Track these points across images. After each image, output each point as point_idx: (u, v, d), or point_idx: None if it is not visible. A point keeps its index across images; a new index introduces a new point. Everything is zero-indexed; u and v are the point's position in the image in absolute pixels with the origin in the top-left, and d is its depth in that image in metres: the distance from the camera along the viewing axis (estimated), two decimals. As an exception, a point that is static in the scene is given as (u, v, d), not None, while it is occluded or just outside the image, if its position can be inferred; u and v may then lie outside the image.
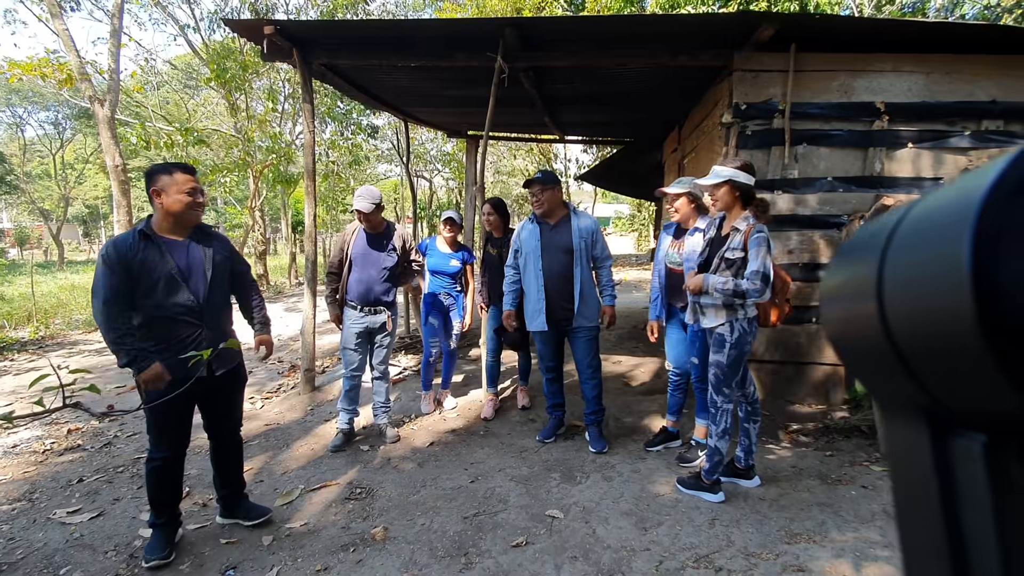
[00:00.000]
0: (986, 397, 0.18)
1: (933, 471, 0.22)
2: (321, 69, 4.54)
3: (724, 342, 2.58)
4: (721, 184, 2.53)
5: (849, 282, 0.25)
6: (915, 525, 0.24)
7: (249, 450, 3.54)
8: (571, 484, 2.98)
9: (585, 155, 17.64)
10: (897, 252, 0.21)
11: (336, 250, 3.52)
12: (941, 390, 0.21)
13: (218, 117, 13.97)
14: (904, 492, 0.24)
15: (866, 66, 3.55)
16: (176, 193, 2.21)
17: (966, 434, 0.21)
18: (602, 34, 3.75)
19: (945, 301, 0.18)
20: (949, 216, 0.19)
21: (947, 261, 0.18)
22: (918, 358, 0.21)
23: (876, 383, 0.25)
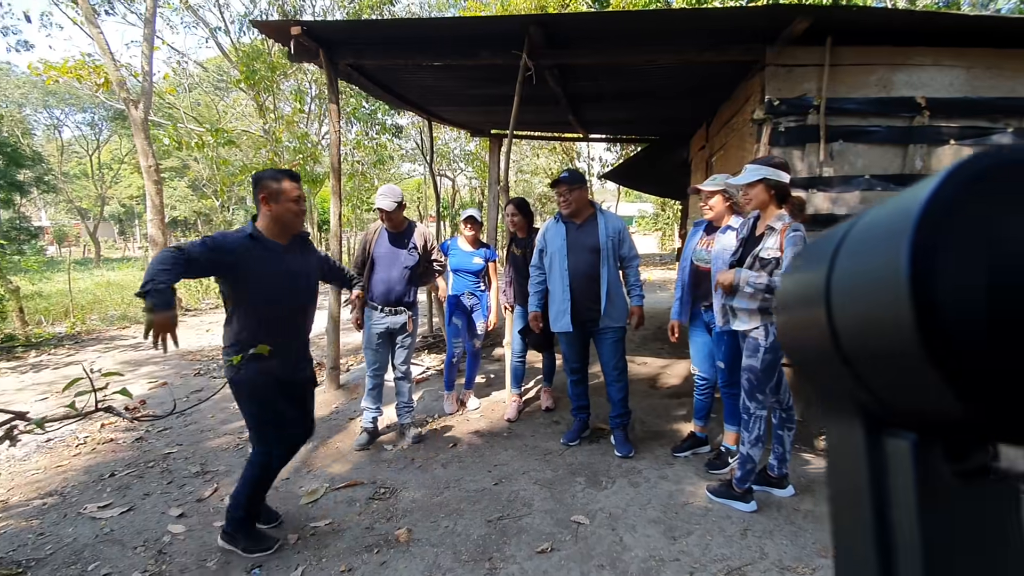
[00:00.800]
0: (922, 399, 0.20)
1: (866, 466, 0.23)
2: (347, 69, 4.56)
3: (758, 346, 2.50)
4: (755, 183, 2.45)
5: (801, 287, 0.26)
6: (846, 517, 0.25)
7: (275, 448, 3.58)
8: (597, 489, 2.93)
9: (609, 153, 17.48)
10: (844, 261, 0.22)
11: (360, 249, 3.53)
12: (882, 391, 0.22)
13: (248, 118, 14.25)
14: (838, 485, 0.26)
15: (905, 60, 3.40)
16: (285, 201, 2.23)
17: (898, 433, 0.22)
18: (629, 30, 3.67)
19: (887, 308, 0.19)
20: (890, 228, 0.20)
21: (888, 271, 0.19)
22: (862, 361, 0.22)
23: (821, 383, 0.26)
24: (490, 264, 4.11)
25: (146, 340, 1.86)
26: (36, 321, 8.15)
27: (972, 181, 0.19)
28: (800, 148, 3.55)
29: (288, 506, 2.85)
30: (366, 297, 3.42)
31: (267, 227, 2.27)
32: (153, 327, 1.86)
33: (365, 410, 3.57)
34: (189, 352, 6.31)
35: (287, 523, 2.67)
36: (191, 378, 5.31)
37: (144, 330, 1.87)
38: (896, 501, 0.22)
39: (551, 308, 3.38)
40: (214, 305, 9.88)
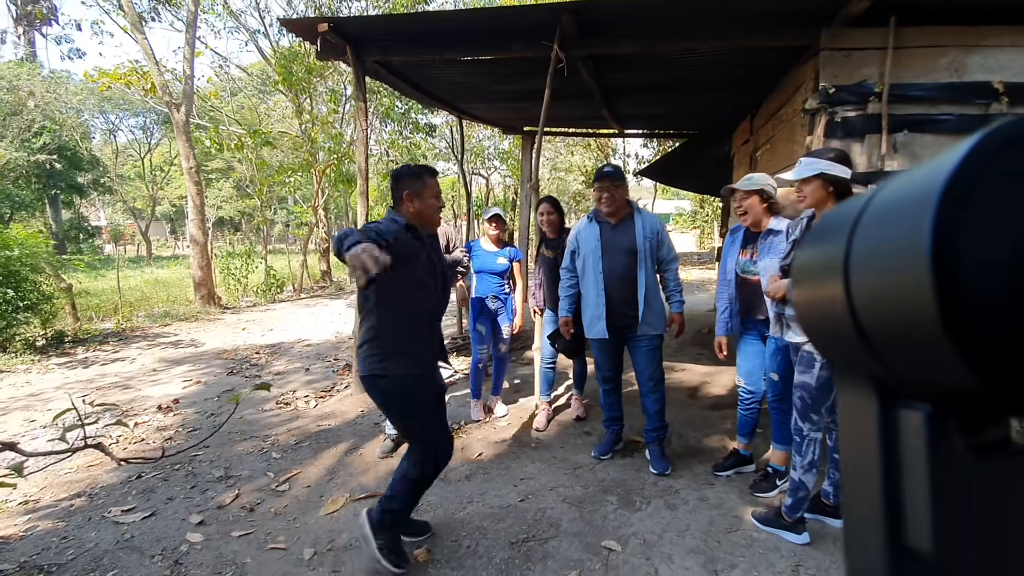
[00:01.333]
0: (939, 373, 0.20)
1: (878, 435, 0.23)
2: (375, 67, 4.48)
3: (813, 361, 2.25)
4: (810, 178, 2.19)
5: (818, 261, 0.26)
6: (857, 489, 0.25)
7: (299, 452, 3.53)
8: (630, 510, 2.73)
9: (645, 150, 17.02)
10: (864, 233, 0.22)
11: None
12: (899, 365, 0.22)
13: (288, 120, 14.53)
14: (850, 456, 0.26)
15: (980, 40, 3.03)
16: (429, 197, 2.19)
17: (912, 404, 0.22)
18: (667, 16, 3.43)
19: (907, 283, 0.19)
20: (913, 200, 0.19)
21: (909, 245, 0.19)
22: (880, 335, 0.22)
23: (837, 355, 0.26)
24: (515, 264, 3.94)
25: (360, 282, 1.66)
26: (87, 318, 8.48)
27: (998, 152, 0.18)
28: (859, 140, 3.23)
29: (308, 518, 2.77)
30: None
31: None
32: (358, 260, 1.65)
33: (385, 420, 3.47)
34: (224, 351, 6.40)
35: (304, 538, 2.58)
36: (225, 377, 5.36)
37: (354, 275, 1.68)
38: (907, 471, 0.22)
39: (584, 314, 3.19)
40: (251, 304, 10.09)
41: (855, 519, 0.25)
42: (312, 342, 6.77)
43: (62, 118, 21.64)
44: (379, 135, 13.07)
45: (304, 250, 11.68)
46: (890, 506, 0.23)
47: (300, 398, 4.56)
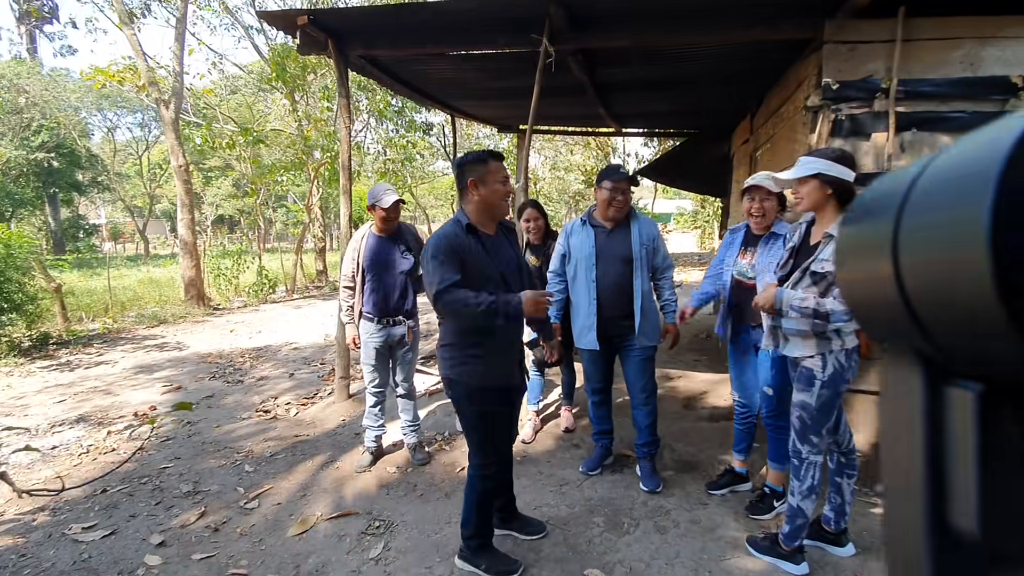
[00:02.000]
0: (997, 357, 0.19)
1: (922, 412, 0.23)
2: (359, 61, 4.31)
3: (813, 378, 2.06)
4: (807, 178, 2.01)
5: (865, 237, 0.25)
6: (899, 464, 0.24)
7: (273, 465, 3.37)
8: (617, 534, 2.55)
9: (646, 149, 16.82)
10: (915, 208, 0.21)
11: (348, 260, 3.22)
12: (952, 346, 0.21)
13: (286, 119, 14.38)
14: (893, 434, 0.25)
15: (997, 31, 2.84)
16: (493, 183, 2.06)
17: (962, 383, 0.22)
18: (660, 8, 3.25)
19: (962, 263, 0.18)
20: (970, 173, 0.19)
21: (965, 220, 0.18)
22: (930, 316, 0.21)
23: (882, 332, 0.26)
24: None
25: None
26: (78, 318, 8.34)
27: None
28: (865, 139, 3.04)
29: (275, 539, 2.60)
30: (361, 309, 3.14)
31: (475, 214, 2.10)
32: (533, 307, 1.96)
33: (368, 429, 3.30)
34: (209, 355, 6.24)
35: (268, 562, 2.42)
36: (207, 382, 5.20)
37: (527, 311, 1.96)
38: (954, 450, 0.21)
39: (574, 322, 3.01)
40: (242, 304, 9.93)
41: (898, 501, 0.25)
42: (300, 345, 6.61)
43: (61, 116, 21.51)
44: (376, 133, 12.91)
45: (298, 249, 11.50)
46: (934, 484, 0.22)
47: (281, 405, 4.40)
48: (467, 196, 2.08)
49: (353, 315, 3.20)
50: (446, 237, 2.02)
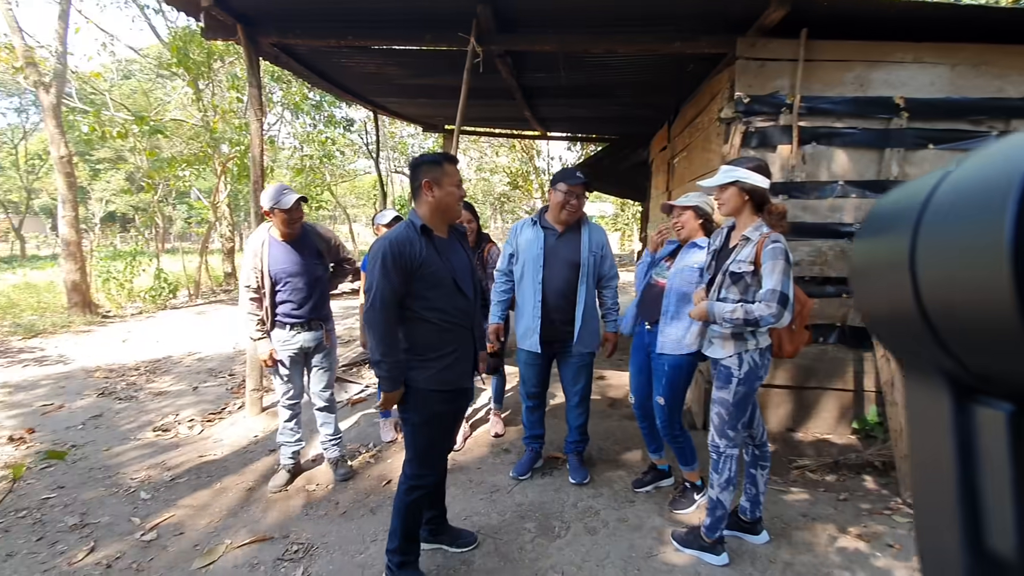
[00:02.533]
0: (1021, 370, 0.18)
1: (952, 435, 0.22)
2: (272, 50, 4.03)
3: (731, 376, 2.16)
4: (726, 185, 2.12)
5: (881, 252, 0.24)
6: (931, 488, 0.24)
7: (174, 491, 3.05)
8: (548, 539, 2.54)
9: (569, 153, 17.23)
10: (933, 222, 0.21)
11: (248, 271, 2.82)
12: (978, 363, 0.20)
13: (188, 108, 13.24)
14: (922, 455, 0.24)
15: (885, 56, 3.15)
16: (449, 186, 2.03)
17: (991, 402, 0.21)
18: (587, 13, 3.30)
19: (984, 277, 0.18)
20: (991, 187, 0.18)
21: (986, 236, 0.18)
22: (950, 330, 0.20)
23: (903, 349, 0.25)
24: None
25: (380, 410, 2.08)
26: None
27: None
28: (772, 150, 3.26)
29: (177, 574, 2.34)
30: (272, 317, 2.89)
31: (429, 216, 2.05)
32: (387, 403, 2.05)
33: (283, 446, 3.06)
34: (98, 368, 5.57)
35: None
36: (95, 399, 4.63)
37: (382, 405, 2.06)
38: (988, 472, 0.21)
39: (518, 323, 2.97)
40: (137, 311, 9.01)
41: (931, 522, 0.24)
42: (205, 355, 6.07)
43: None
44: (291, 127, 12.22)
45: (203, 250, 10.59)
46: (968, 506, 0.21)
47: (183, 422, 4.00)
48: (421, 197, 2.04)
49: (264, 328, 2.89)
50: (397, 243, 1.96)
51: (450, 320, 2.07)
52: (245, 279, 2.83)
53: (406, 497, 2.12)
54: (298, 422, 3.08)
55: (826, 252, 3.34)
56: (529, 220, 2.96)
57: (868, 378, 3.45)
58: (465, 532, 2.50)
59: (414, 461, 2.13)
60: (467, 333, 2.15)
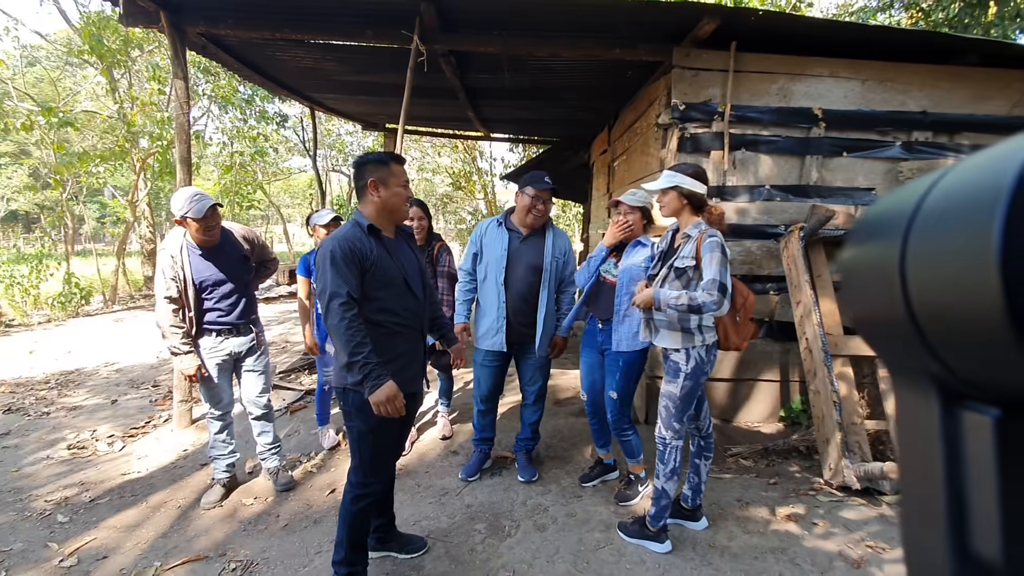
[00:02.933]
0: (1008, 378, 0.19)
1: (940, 439, 0.22)
2: (200, 40, 3.81)
3: (679, 371, 2.26)
4: (667, 189, 2.23)
5: (872, 258, 0.25)
6: (918, 491, 0.24)
7: (95, 512, 2.82)
8: (498, 538, 2.55)
9: (512, 154, 17.34)
10: (923, 228, 0.21)
11: (165, 281, 2.56)
12: (965, 368, 0.21)
13: (102, 98, 12.22)
14: (910, 459, 0.25)
15: (804, 70, 3.39)
16: (395, 186, 1.99)
17: (978, 407, 0.21)
18: (531, 16, 3.34)
19: (972, 284, 0.18)
20: (980, 193, 0.18)
21: (974, 243, 0.18)
22: (939, 334, 0.21)
23: (891, 355, 0.25)
24: None
25: None
26: None
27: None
28: (706, 155, 3.43)
29: (97, 601, 2.16)
30: (198, 326, 2.69)
31: (375, 217, 2.01)
32: (382, 408, 1.88)
33: (216, 459, 2.90)
34: (2, 383, 5.05)
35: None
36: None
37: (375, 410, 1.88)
38: (974, 476, 0.21)
39: (480, 323, 2.95)
40: (46, 319, 8.23)
41: (917, 527, 0.24)
42: (124, 365, 5.64)
43: None
44: (219, 122, 11.57)
45: (120, 252, 9.81)
46: (955, 509, 0.22)
47: (102, 439, 3.70)
48: (366, 197, 2.00)
49: (189, 340, 2.66)
50: (346, 240, 1.90)
51: (400, 322, 2.03)
52: (163, 289, 2.57)
53: (352, 506, 2.06)
54: (230, 433, 2.92)
55: (755, 252, 3.55)
56: (495, 221, 2.96)
57: (794, 369, 3.70)
58: (414, 537, 2.46)
59: (360, 469, 2.07)
60: (417, 335, 2.12)
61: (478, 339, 2.98)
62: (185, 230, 2.62)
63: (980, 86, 3.42)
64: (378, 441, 2.06)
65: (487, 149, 18.67)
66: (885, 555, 2.38)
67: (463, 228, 16.96)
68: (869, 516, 2.70)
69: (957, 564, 0.22)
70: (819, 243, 3.43)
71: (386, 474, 2.20)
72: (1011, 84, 3.44)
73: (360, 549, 2.12)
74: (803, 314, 3.24)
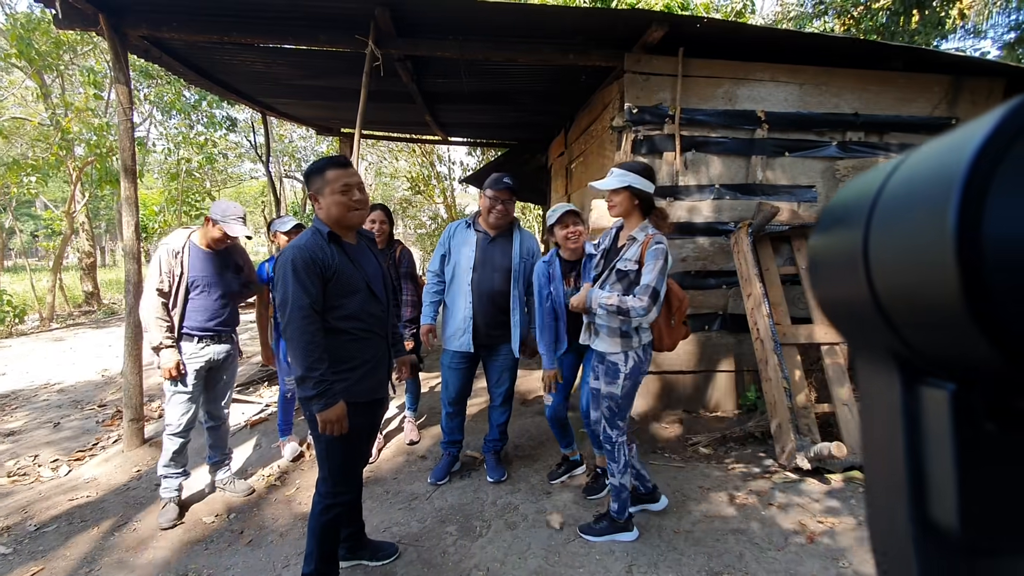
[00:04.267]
0: (965, 355, 0.20)
1: (901, 413, 0.23)
2: (143, 43, 3.67)
3: (618, 372, 2.32)
4: (620, 189, 2.25)
5: (836, 243, 0.25)
6: (881, 463, 0.25)
7: (41, 541, 2.67)
8: (470, 539, 2.56)
9: (470, 158, 17.35)
10: (884, 213, 0.22)
11: (163, 271, 2.65)
12: (924, 346, 0.22)
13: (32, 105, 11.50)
14: (873, 433, 0.26)
15: (747, 75, 3.57)
16: (331, 194, 1.93)
17: (936, 382, 0.22)
18: (487, 22, 3.38)
19: (930, 261, 0.19)
20: (934, 180, 0.19)
21: (933, 222, 0.19)
22: (901, 314, 0.22)
23: (856, 335, 0.26)
24: None
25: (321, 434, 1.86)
26: None
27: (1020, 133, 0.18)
28: (659, 156, 3.55)
29: (48, 633, 2.05)
30: (179, 329, 2.70)
31: (330, 224, 1.97)
32: (330, 427, 1.84)
33: (168, 478, 2.78)
34: (-77, 409, 4.68)
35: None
36: (-80, 447, 3.88)
37: (320, 428, 1.85)
38: (932, 449, 0.22)
39: (448, 324, 2.95)
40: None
41: (881, 498, 0.25)
42: (66, 385, 5.33)
43: None
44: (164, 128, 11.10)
45: (56, 267, 9.25)
46: (916, 483, 0.23)
47: (44, 464, 3.49)
48: (316, 206, 1.99)
49: (173, 335, 2.69)
50: (306, 248, 1.88)
51: (365, 328, 2.01)
52: (156, 281, 2.64)
53: (322, 517, 2.03)
54: (186, 450, 2.82)
55: (708, 248, 3.70)
56: (464, 222, 2.98)
57: (747, 359, 3.87)
58: (385, 544, 2.45)
59: (329, 479, 2.04)
60: (382, 341, 2.11)
61: (445, 340, 2.98)
62: (192, 230, 2.80)
63: (904, 89, 3.69)
64: (346, 450, 2.03)
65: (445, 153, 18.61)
66: (836, 528, 2.53)
67: (423, 233, 16.81)
68: (820, 493, 2.87)
69: (918, 532, 0.23)
70: (766, 238, 3.61)
71: (355, 483, 2.18)
72: (931, 88, 3.72)
73: (331, 560, 2.09)
74: (753, 306, 3.40)
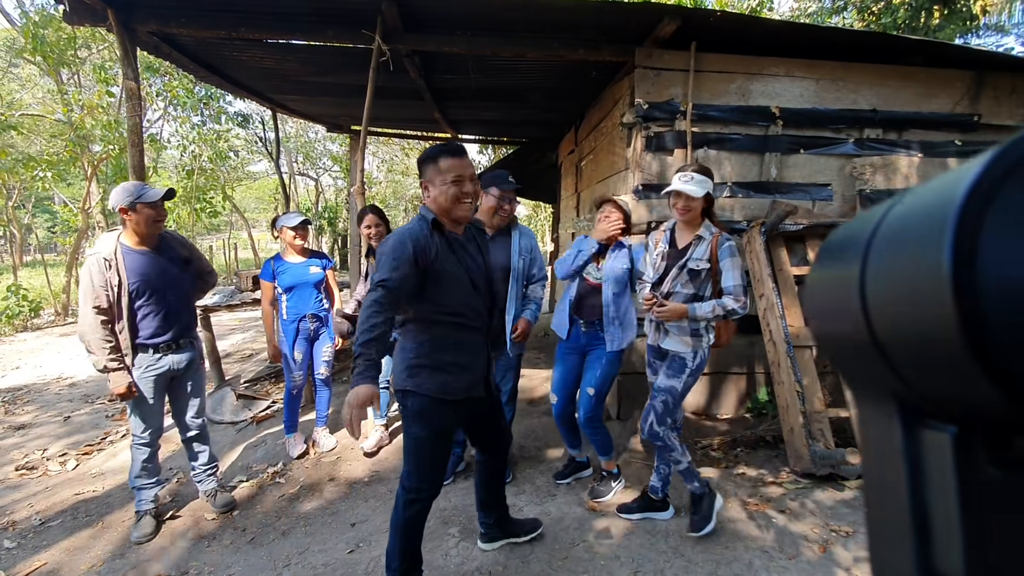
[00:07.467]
0: (966, 396, 0.19)
1: (903, 457, 0.23)
2: (152, 39, 3.67)
3: (684, 367, 2.36)
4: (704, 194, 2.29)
5: (833, 279, 0.26)
6: (883, 508, 0.25)
7: (45, 536, 2.68)
8: (472, 541, 2.52)
9: (481, 156, 17.33)
10: (880, 252, 0.22)
11: (96, 284, 2.37)
12: (923, 386, 0.21)
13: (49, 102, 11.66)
14: (874, 475, 0.25)
15: (761, 69, 3.48)
16: (442, 184, 1.85)
17: (937, 425, 0.22)
18: (496, 17, 3.33)
19: (928, 305, 0.19)
20: (930, 217, 0.19)
21: (928, 265, 0.19)
22: (899, 356, 0.21)
23: (854, 374, 0.26)
24: (328, 272, 3.50)
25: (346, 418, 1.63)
26: None
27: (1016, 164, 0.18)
28: (669, 154, 3.48)
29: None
30: (132, 341, 2.50)
31: (437, 213, 1.90)
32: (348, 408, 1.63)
33: (141, 490, 2.66)
34: (-62, 401, 4.76)
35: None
36: (-66, 439, 3.94)
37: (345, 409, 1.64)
38: (935, 493, 0.22)
39: None
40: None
41: (883, 541, 0.25)
42: (77, 380, 5.39)
43: None
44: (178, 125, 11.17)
45: (71, 263, 9.36)
46: (919, 529, 0.22)
47: (53, 458, 3.52)
48: (425, 194, 1.93)
49: (120, 355, 2.44)
50: (407, 232, 1.84)
51: (464, 323, 1.95)
52: (91, 298, 2.36)
53: (405, 511, 2.01)
54: (156, 458, 2.71)
55: (719, 248, 3.62)
56: None
57: (759, 361, 3.79)
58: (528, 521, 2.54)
59: (413, 474, 2.00)
60: (481, 337, 2.03)
61: None
62: (119, 232, 2.48)
63: (925, 85, 3.58)
64: (433, 447, 2.00)
65: (455, 151, 18.51)
66: (849, 538, 2.46)
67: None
68: (833, 501, 2.79)
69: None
70: (779, 238, 3.52)
71: (439, 480, 2.10)
72: (952, 83, 3.61)
73: (414, 556, 2.08)
74: (766, 307, 3.32)
